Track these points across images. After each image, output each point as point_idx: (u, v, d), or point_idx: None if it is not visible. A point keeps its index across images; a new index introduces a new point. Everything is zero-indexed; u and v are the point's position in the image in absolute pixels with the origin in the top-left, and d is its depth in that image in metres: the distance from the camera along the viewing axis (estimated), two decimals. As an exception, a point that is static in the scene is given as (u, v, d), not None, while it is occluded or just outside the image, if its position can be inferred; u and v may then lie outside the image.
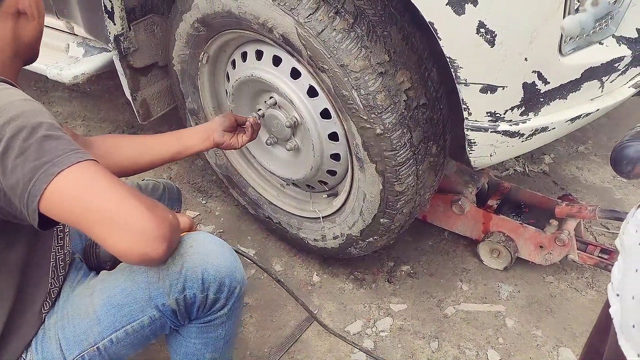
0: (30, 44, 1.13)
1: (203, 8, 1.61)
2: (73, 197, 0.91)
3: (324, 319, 1.81)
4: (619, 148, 1.26)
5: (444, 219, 2.01)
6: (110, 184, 0.94)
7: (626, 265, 0.78)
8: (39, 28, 1.14)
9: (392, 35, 1.40)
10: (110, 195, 0.93)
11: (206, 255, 1.12)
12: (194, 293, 1.12)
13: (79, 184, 0.92)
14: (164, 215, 0.97)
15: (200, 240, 1.14)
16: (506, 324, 1.79)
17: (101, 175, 0.94)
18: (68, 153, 0.92)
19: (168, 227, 0.96)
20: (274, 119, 1.70)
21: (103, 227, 0.92)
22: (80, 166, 0.92)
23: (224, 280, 1.14)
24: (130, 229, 0.91)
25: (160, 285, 1.11)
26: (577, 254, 1.82)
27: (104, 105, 2.80)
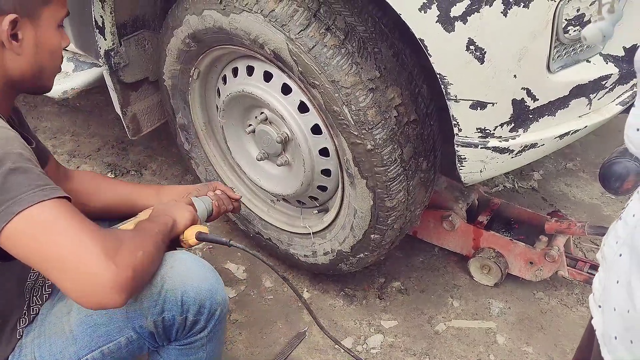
0: (24, 78, 1.09)
1: (194, 24, 1.62)
2: (31, 239, 0.90)
3: (315, 335, 1.79)
4: (607, 165, 1.28)
5: (434, 235, 2.01)
6: (72, 228, 0.91)
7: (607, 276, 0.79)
8: (37, 65, 1.09)
9: (383, 52, 1.41)
10: (69, 241, 0.90)
11: (186, 276, 1.10)
12: (172, 315, 1.10)
13: (38, 226, 0.90)
14: (127, 261, 0.94)
15: (182, 260, 1.12)
16: (497, 340, 1.79)
17: (63, 217, 0.92)
18: (33, 190, 0.90)
19: (129, 276, 0.93)
20: (265, 134, 1.70)
21: (59, 274, 0.91)
22: (43, 206, 0.90)
23: (205, 302, 1.12)
24: (86, 279, 0.90)
25: (138, 307, 1.09)
26: (567, 270, 1.82)
27: (93, 121, 2.79)
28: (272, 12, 1.40)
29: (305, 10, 1.38)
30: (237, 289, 1.94)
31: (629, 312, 0.71)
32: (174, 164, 2.51)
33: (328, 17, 1.38)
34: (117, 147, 2.62)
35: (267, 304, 1.90)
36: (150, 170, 2.49)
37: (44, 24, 1.07)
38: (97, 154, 2.58)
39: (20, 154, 0.93)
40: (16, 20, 1.02)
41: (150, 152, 2.59)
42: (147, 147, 2.61)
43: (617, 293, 0.74)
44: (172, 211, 1.24)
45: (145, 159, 2.55)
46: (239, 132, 1.83)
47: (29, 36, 1.05)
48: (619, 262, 0.76)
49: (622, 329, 0.73)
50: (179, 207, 1.26)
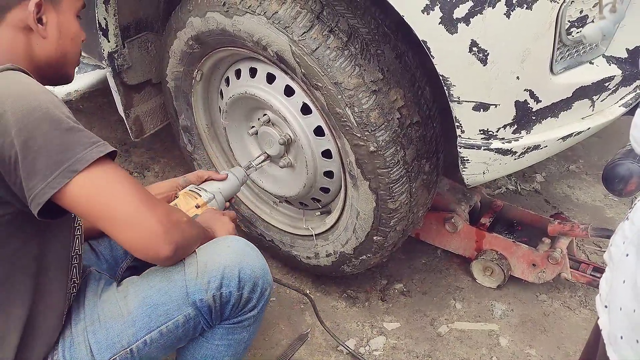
0: (49, 63, 1.15)
1: (197, 26, 1.62)
2: (93, 196, 0.97)
3: (317, 337, 1.79)
4: (611, 166, 1.28)
5: (437, 237, 2.00)
6: (130, 186, 1.01)
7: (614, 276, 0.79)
8: (60, 49, 1.15)
9: (386, 54, 1.41)
10: (129, 198, 1.00)
11: (243, 255, 1.17)
12: (230, 290, 1.15)
13: (99, 184, 0.97)
14: (177, 220, 1.06)
15: (236, 241, 1.20)
16: (500, 343, 1.78)
17: (119, 175, 1.00)
18: (90, 147, 0.96)
19: (179, 233, 1.05)
20: (268, 136, 1.70)
21: (119, 226, 1.00)
22: (102, 165, 0.97)
23: (258, 281, 1.18)
24: (143, 230, 1.00)
25: (199, 282, 1.13)
26: (570, 272, 1.82)
27: (96, 123, 2.79)
28: (275, 14, 1.41)
29: (308, 12, 1.39)
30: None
31: (634, 311, 0.71)
32: (176, 165, 2.52)
33: (331, 19, 1.39)
34: (120, 149, 2.62)
35: (270, 305, 1.89)
36: (153, 172, 2.49)
37: (65, 9, 1.15)
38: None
39: (68, 116, 0.98)
40: (40, 4, 1.09)
41: (153, 154, 2.59)
42: (150, 149, 2.61)
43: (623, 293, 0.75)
44: (213, 226, 1.29)
45: (147, 161, 2.56)
46: (242, 133, 1.83)
47: (52, 20, 1.13)
48: (625, 262, 0.76)
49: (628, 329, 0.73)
50: (222, 224, 1.31)
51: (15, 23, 1.08)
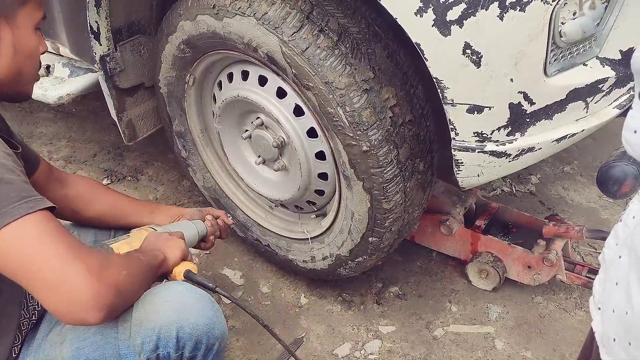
0: (3, 82, 1.07)
1: (188, 29, 1.61)
2: (14, 254, 0.90)
3: (312, 341, 1.78)
4: (605, 168, 1.27)
5: (432, 240, 2.00)
6: (57, 243, 0.91)
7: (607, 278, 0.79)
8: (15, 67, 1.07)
9: (377, 53, 1.41)
10: (53, 257, 0.90)
11: (182, 311, 1.06)
12: (167, 352, 1.06)
13: (22, 241, 0.89)
14: (110, 279, 0.95)
15: (177, 294, 1.08)
16: (495, 345, 1.78)
17: (48, 232, 0.91)
18: (16, 203, 0.90)
19: (112, 294, 0.94)
20: (261, 139, 1.69)
21: (41, 289, 0.91)
22: (27, 220, 0.90)
23: (202, 338, 1.07)
24: (67, 296, 0.90)
25: (131, 343, 1.05)
26: (565, 274, 1.82)
27: (89, 126, 2.78)
28: (265, 15, 1.40)
29: (298, 13, 1.38)
30: (234, 295, 1.93)
31: (627, 313, 0.70)
32: (170, 169, 2.51)
33: (321, 19, 1.38)
34: (113, 153, 2.61)
35: (264, 309, 1.88)
36: (147, 176, 2.48)
37: (21, 25, 1.05)
38: (93, 159, 2.57)
39: (2, 165, 0.92)
40: None
41: (147, 158, 2.58)
42: (144, 152, 2.60)
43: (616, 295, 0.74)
44: (163, 247, 1.21)
45: (141, 165, 2.54)
46: (236, 138, 1.82)
47: (6, 37, 1.04)
48: (618, 263, 0.75)
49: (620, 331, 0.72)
50: (170, 244, 1.23)
51: None
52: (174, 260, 1.20)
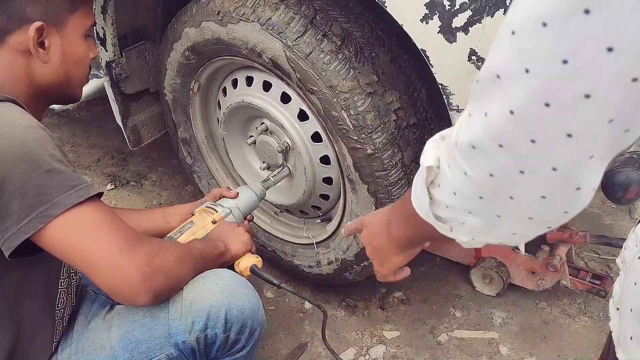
0: (52, 86, 1.11)
1: (193, 36, 1.62)
2: (69, 243, 0.94)
3: (316, 347, 1.78)
4: (610, 174, 1.28)
5: (435, 245, 2.00)
6: (110, 230, 0.96)
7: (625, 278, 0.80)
8: (63, 73, 1.11)
9: (380, 57, 1.41)
10: (107, 243, 0.95)
11: (230, 295, 1.11)
12: (215, 332, 1.10)
13: (76, 230, 0.94)
14: (161, 263, 1.01)
15: (225, 279, 1.13)
16: (500, 351, 1.78)
17: (100, 220, 0.96)
18: (69, 192, 0.93)
19: (161, 279, 1.00)
20: (266, 145, 1.70)
21: (95, 272, 0.96)
22: (79, 209, 0.94)
23: (247, 322, 1.12)
24: (119, 278, 0.96)
25: (182, 322, 1.08)
26: (569, 279, 1.82)
27: (93, 132, 2.79)
28: (269, 20, 1.41)
29: (301, 18, 1.39)
30: (238, 300, 1.93)
31: None
32: (174, 174, 2.51)
33: (324, 24, 1.39)
34: (117, 158, 2.62)
35: (269, 315, 1.88)
36: (151, 181, 2.49)
37: (70, 32, 1.10)
38: (97, 164, 2.58)
39: (52, 155, 0.94)
40: (42, 28, 1.05)
41: (150, 163, 2.59)
42: (147, 157, 2.61)
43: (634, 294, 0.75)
44: (227, 238, 1.26)
45: (145, 170, 2.55)
46: (241, 143, 1.83)
47: (55, 44, 1.09)
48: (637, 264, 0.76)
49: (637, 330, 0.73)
50: (235, 237, 1.28)
51: (16, 47, 1.05)
52: (235, 252, 1.26)
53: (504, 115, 0.48)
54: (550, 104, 0.45)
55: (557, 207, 0.53)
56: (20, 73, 1.07)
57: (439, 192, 0.62)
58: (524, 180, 0.51)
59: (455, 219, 0.63)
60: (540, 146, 0.48)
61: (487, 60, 0.50)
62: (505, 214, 0.57)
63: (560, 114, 0.46)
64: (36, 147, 0.93)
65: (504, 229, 0.59)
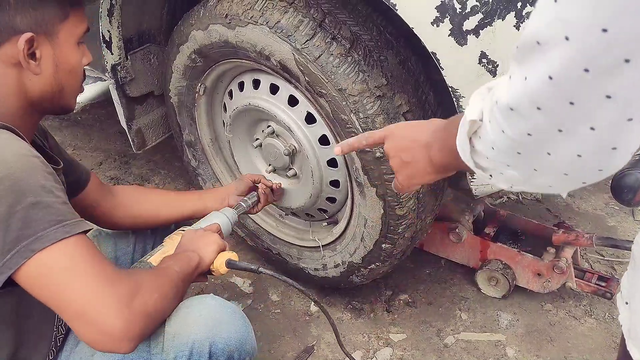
0: (44, 98, 1.06)
1: (200, 39, 1.62)
2: (47, 281, 0.90)
3: (323, 349, 1.78)
4: (619, 177, 1.28)
5: (441, 247, 2.00)
6: (88, 272, 0.92)
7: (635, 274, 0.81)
8: (56, 84, 1.06)
9: (389, 60, 1.42)
10: (85, 286, 0.91)
11: (215, 326, 1.07)
12: None
13: (55, 268, 0.90)
14: (141, 308, 0.95)
15: (210, 307, 1.09)
16: (507, 353, 1.78)
17: (81, 259, 0.92)
18: (54, 227, 0.90)
19: (141, 325, 0.94)
20: (272, 147, 1.69)
21: (73, 318, 0.92)
22: (62, 246, 0.90)
23: (233, 354, 1.08)
24: (98, 328, 0.91)
25: (164, 357, 1.05)
26: (574, 281, 1.82)
27: (95, 134, 2.78)
28: (278, 23, 1.41)
29: (310, 21, 1.39)
30: (244, 303, 1.93)
31: None
32: (176, 177, 2.51)
33: (333, 27, 1.39)
34: (120, 161, 2.61)
35: (275, 318, 1.88)
36: (153, 184, 2.48)
37: (62, 41, 1.05)
38: (100, 167, 2.57)
39: (42, 186, 0.91)
40: (33, 39, 1.00)
41: (153, 166, 2.58)
42: (150, 160, 2.60)
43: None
44: (198, 245, 1.22)
45: (148, 173, 2.54)
46: (246, 146, 1.83)
47: (47, 55, 1.03)
48: None
49: None
50: (204, 240, 1.23)
51: (6, 59, 1.00)
52: (210, 257, 1.21)
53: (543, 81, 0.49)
54: (589, 70, 0.46)
55: (593, 165, 0.55)
56: (12, 86, 1.02)
57: (480, 143, 0.64)
58: (562, 138, 0.52)
59: (494, 169, 0.65)
60: (579, 107, 0.49)
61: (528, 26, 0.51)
62: (542, 169, 0.58)
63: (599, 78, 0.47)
64: (25, 177, 0.90)
65: (540, 181, 0.60)
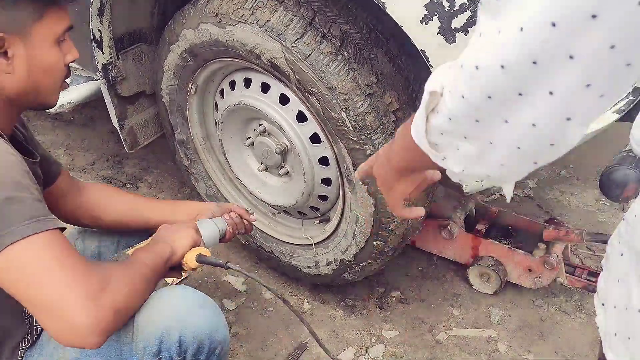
0: (21, 95, 1.07)
1: (191, 38, 1.62)
2: (17, 275, 0.90)
3: (315, 347, 1.78)
4: (607, 173, 1.30)
5: (433, 244, 2.01)
6: (57, 266, 0.91)
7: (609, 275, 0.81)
8: (31, 83, 1.06)
9: (379, 58, 1.42)
10: (53, 281, 0.91)
11: (184, 315, 1.07)
12: (170, 356, 1.06)
13: (26, 262, 0.90)
14: (109, 302, 0.94)
15: (179, 298, 1.09)
16: (498, 348, 1.79)
17: (52, 253, 0.92)
18: (25, 222, 0.91)
19: (110, 319, 0.94)
20: (264, 146, 1.70)
21: (40, 312, 0.92)
22: (33, 240, 0.90)
23: (204, 342, 1.08)
24: (66, 323, 0.90)
25: (134, 347, 1.06)
26: (565, 277, 1.84)
27: (87, 134, 2.77)
28: (268, 22, 1.41)
29: (300, 19, 1.40)
30: (237, 302, 1.93)
31: (626, 309, 0.73)
32: (169, 176, 2.51)
33: (323, 25, 1.40)
34: (112, 161, 2.61)
35: (268, 316, 1.89)
36: (146, 183, 2.48)
37: (37, 40, 1.04)
38: (92, 167, 2.57)
39: (17, 183, 0.92)
40: (2, 39, 1.00)
41: (146, 165, 2.58)
42: (143, 160, 2.60)
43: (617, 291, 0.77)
44: (172, 238, 1.22)
45: (140, 172, 2.54)
46: (238, 145, 1.83)
47: (19, 54, 1.03)
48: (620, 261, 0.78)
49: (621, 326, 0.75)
50: (179, 234, 1.23)
51: None
52: (182, 250, 1.21)
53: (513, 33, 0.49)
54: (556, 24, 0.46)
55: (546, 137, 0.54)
56: None
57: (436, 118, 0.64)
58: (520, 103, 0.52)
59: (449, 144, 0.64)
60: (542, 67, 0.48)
61: None
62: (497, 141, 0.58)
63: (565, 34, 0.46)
64: (2, 173, 0.91)
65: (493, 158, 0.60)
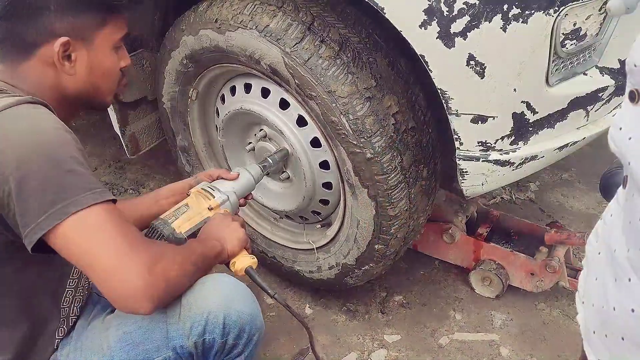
0: (79, 97, 1.15)
1: (191, 44, 1.63)
2: (79, 241, 0.96)
3: (318, 352, 1.78)
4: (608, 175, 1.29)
5: (434, 248, 2.01)
6: (117, 235, 0.98)
7: (588, 273, 0.82)
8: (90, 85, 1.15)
9: (378, 62, 1.43)
10: (113, 248, 0.97)
11: (229, 299, 1.12)
12: (213, 337, 1.11)
13: (88, 229, 0.96)
14: (162, 273, 1.00)
15: (224, 283, 1.14)
16: (501, 353, 1.79)
17: (110, 223, 0.98)
18: (86, 192, 0.96)
19: (163, 287, 1.00)
20: (265, 151, 1.70)
21: (99, 277, 0.97)
22: (94, 210, 0.97)
23: (245, 327, 1.13)
24: (122, 286, 0.96)
25: (180, 327, 1.10)
26: (567, 280, 1.83)
27: (89, 140, 2.78)
28: (267, 27, 1.42)
29: (299, 24, 1.40)
30: (239, 307, 1.93)
31: (603, 307, 0.74)
32: (171, 181, 2.49)
33: (322, 30, 1.40)
34: (114, 166, 2.61)
35: (270, 320, 1.89)
36: (148, 189, 2.48)
37: (98, 46, 1.13)
38: (94, 173, 2.57)
39: (75, 158, 0.98)
40: (68, 43, 1.08)
41: (148, 171, 2.58)
42: (145, 165, 2.60)
43: (595, 290, 0.78)
44: (223, 235, 1.24)
45: (142, 178, 2.55)
46: (239, 150, 1.83)
47: (82, 58, 1.12)
48: (597, 260, 0.79)
49: (598, 324, 0.77)
50: (231, 234, 1.25)
51: (45, 59, 1.09)
52: (232, 251, 1.24)
53: None
54: None
55: None
56: (49, 83, 1.11)
57: None
58: None
59: None
60: None
61: None
62: None
63: None
64: (59, 148, 0.97)
65: None
